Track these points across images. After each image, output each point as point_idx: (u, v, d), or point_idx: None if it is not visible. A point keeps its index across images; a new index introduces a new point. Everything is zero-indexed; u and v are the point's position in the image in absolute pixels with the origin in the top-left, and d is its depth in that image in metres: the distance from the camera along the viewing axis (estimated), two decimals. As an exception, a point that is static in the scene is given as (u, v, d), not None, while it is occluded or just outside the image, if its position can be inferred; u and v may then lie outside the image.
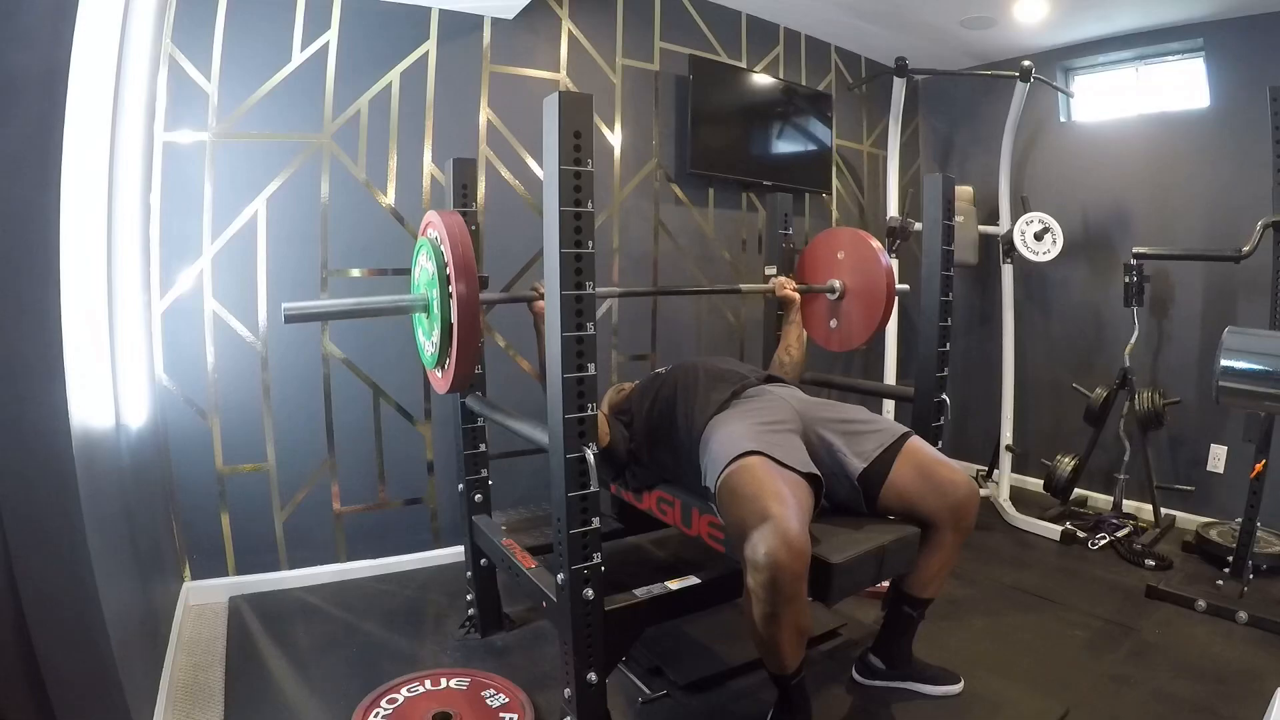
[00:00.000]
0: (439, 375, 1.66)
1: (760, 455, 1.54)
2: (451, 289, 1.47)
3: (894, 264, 2.40)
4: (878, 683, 1.83)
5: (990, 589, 2.51)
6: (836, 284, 2.37)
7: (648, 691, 1.85)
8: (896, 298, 2.30)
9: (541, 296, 1.57)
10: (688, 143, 3.05)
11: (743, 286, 2.45)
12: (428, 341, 1.67)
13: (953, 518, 1.63)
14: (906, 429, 1.74)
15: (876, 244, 2.30)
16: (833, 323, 2.41)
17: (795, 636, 1.47)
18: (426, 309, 1.63)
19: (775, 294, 2.32)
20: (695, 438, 1.73)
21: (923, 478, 1.64)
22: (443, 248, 1.50)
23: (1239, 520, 2.48)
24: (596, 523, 1.43)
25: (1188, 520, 3.05)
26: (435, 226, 1.56)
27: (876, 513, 1.69)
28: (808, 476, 1.56)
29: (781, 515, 1.38)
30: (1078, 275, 3.49)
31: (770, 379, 1.92)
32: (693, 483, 1.75)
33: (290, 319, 1.46)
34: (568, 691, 1.50)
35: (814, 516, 1.55)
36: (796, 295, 2.31)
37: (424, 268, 1.62)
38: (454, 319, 1.47)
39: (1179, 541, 2.85)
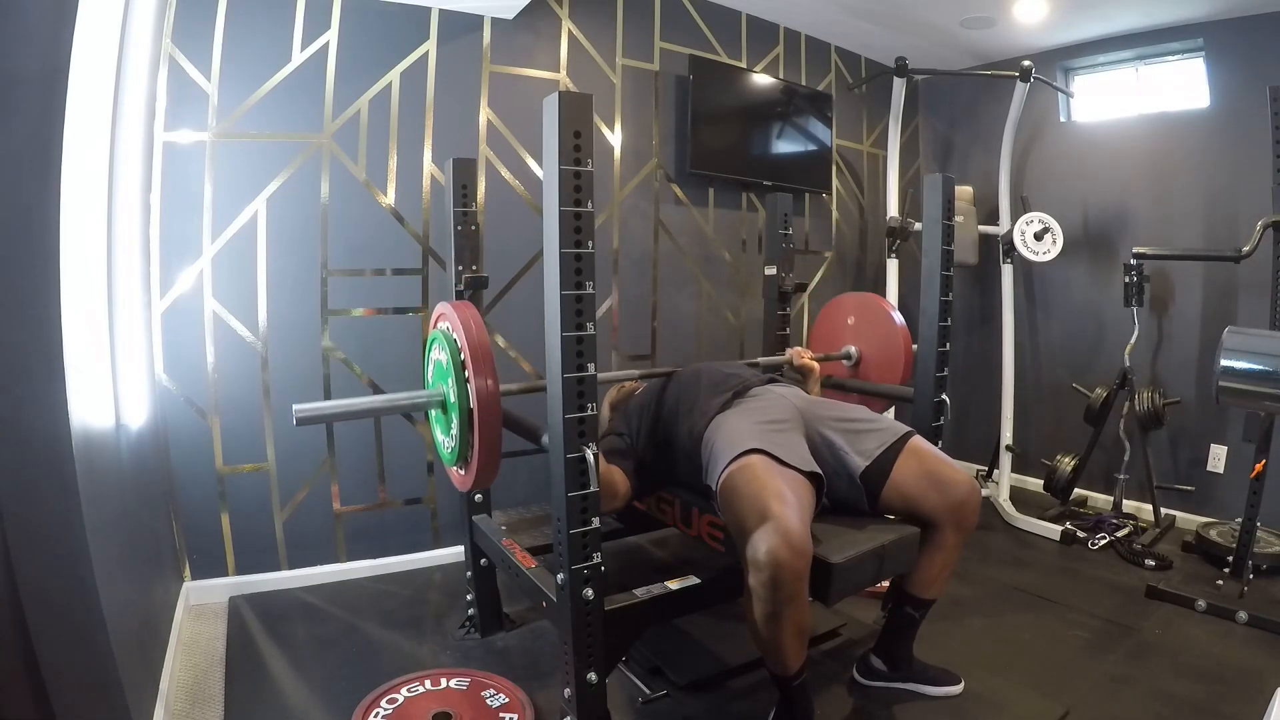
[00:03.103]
0: (460, 473, 1.62)
1: (762, 454, 1.54)
2: (471, 394, 1.44)
3: (905, 327, 2.33)
4: (879, 684, 1.83)
5: (990, 589, 2.51)
6: (852, 350, 2.36)
7: (648, 691, 1.84)
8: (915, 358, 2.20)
9: None
10: (688, 143, 3.05)
11: (761, 359, 2.36)
12: (445, 438, 1.63)
13: (954, 517, 1.64)
14: (909, 428, 1.74)
15: (888, 305, 2.29)
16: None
17: (797, 636, 1.47)
18: (443, 405, 1.60)
19: (793, 365, 2.30)
20: (697, 438, 1.73)
21: (925, 476, 1.64)
22: (458, 341, 1.48)
23: (1239, 520, 2.48)
24: (596, 523, 1.43)
25: (1188, 520, 3.05)
26: (448, 319, 1.53)
27: (878, 512, 1.69)
28: (809, 475, 1.56)
29: (782, 514, 1.38)
30: (1078, 275, 3.49)
31: (772, 380, 1.92)
32: (695, 483, 1.75)
33: (302, 422, 1.42)
34: (568, 691, 1.50)
35: (815, 515, 1.55)
36: (815, 365, 2.28)
37: (438, 361, 1.59)
38: (474, 420, 1.45)
39: (1179, 541, 2.85)
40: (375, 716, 1.70)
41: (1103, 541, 2.88)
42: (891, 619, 1.83)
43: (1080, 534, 2.93)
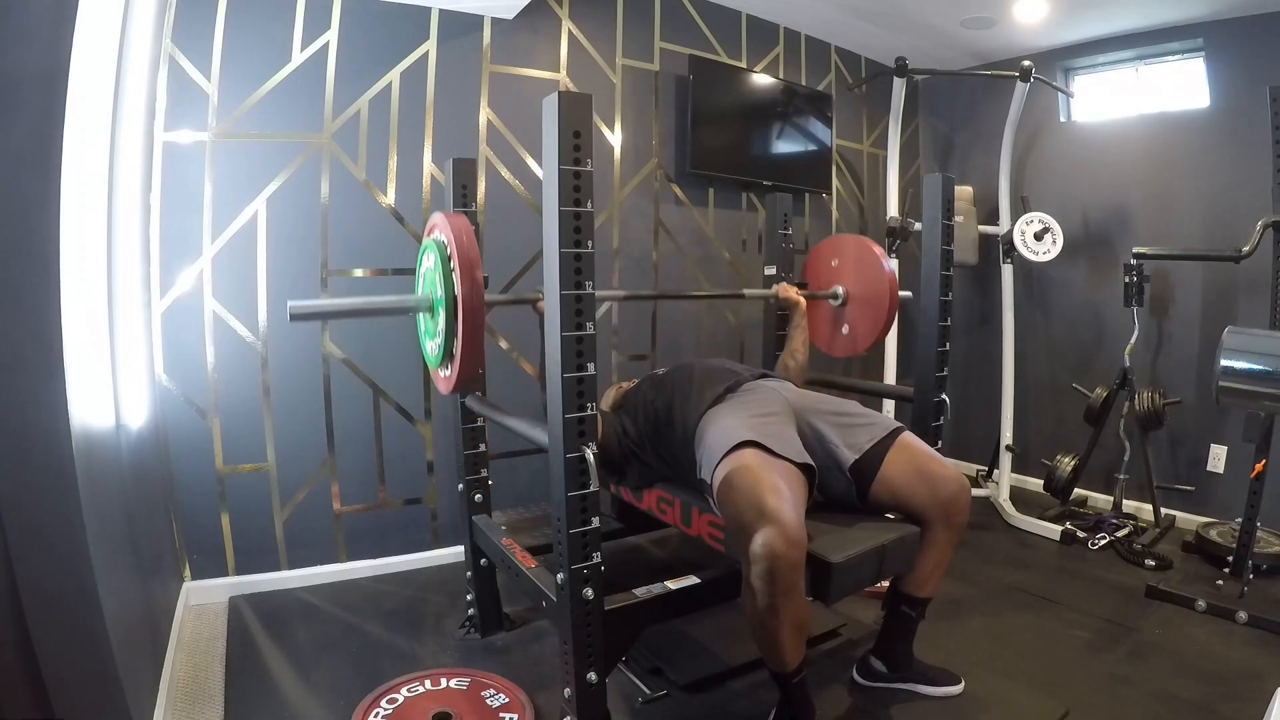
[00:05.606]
0: (443, 374, 1.65)
1: (755, 446, 1.55)
2: (457, 286, 1.46)
3: (895, 266, 2.40)
4: (879, 684, 1.83)
5: (990, 589, 2.51)
6: (840, 290, 2.37)
7: (648, 691, 1.85)
8: (899, 303, 2.30)
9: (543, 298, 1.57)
10: (688, 143, 3.05)
11: (746, 292, 2.43)
12: (431, 342, 1.66)
13: (944, 513, 1.64)
14: (899, 424, 1.74)
15: (879, 250, 2.30)
16: (844, 329, 2.41)
17: (794, 631, 1.47)
18: (430, 308, 1.62)
19: (779, 298, 2.32)
20: (690, 433, 1.73)
21: (914, 471, 1.65)
22: (447, 245, 1.50)
23: (1239, 520, 2.48)
24: (596, 522, 1.43)
25: (1188, 520, 3.05)
26: (440, 228, 1.56)
27: (868, 506, 1.70)
28: (801, 466, 1.57)
29: (777, 507, 1.39)
30: (1078, 275, 3.49)
31: (764, 375, 1.92)
32: (690, 479, 1.75)
33: (295, 317, 1.46)
34: (568, 691, 1.50)
35: (808, 509, 1.55)
36: (801, 299, 2.31)
37: (428, 268, 1.62)
38: (459, 314, 1.47)
39: (1179, 541, 2.85)
40: (375, 716, 1.70)
41: (1103, 541, 2.88)
42: (889, 620, 1.83)
43: (1080, 534, 2.93)
